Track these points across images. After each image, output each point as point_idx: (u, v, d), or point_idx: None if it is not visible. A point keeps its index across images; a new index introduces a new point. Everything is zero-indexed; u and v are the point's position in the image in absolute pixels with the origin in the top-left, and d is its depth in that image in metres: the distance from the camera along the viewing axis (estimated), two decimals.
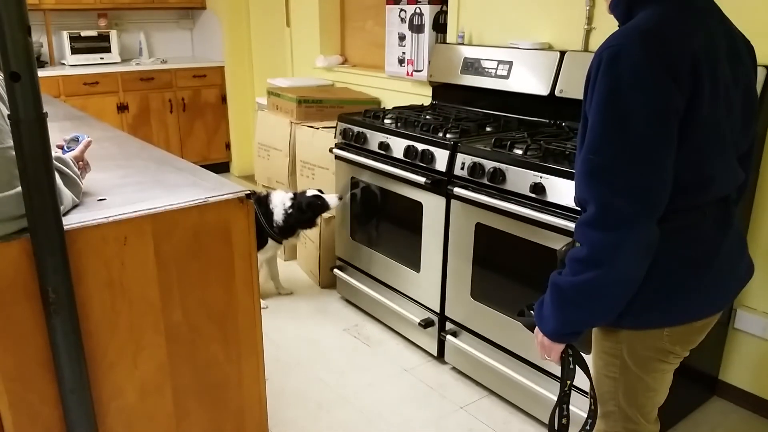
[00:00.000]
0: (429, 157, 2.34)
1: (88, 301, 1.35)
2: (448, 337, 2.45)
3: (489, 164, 2.11)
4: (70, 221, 1.29)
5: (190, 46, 5.64)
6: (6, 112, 1.20)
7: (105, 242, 1.34)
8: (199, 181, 1.63)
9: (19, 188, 1.19)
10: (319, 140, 3.15)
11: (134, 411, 1.49)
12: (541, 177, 1.95)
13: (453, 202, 2.29)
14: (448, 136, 2.37)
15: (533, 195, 1.97)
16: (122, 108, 4.80)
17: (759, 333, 2.18)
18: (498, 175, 2.07)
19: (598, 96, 1.10)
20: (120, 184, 1.60)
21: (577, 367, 1.32)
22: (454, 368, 2.53)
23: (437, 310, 2.50)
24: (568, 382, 1.33)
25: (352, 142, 2.75)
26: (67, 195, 1.35)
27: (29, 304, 1.28)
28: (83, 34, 4.75)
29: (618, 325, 1.26)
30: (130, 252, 1.38)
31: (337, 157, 2.86)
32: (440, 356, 2.57)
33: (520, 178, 2.02)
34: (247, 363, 1.67)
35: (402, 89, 3.42)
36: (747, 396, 2.26)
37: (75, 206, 1.39)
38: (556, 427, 1.39)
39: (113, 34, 4.87)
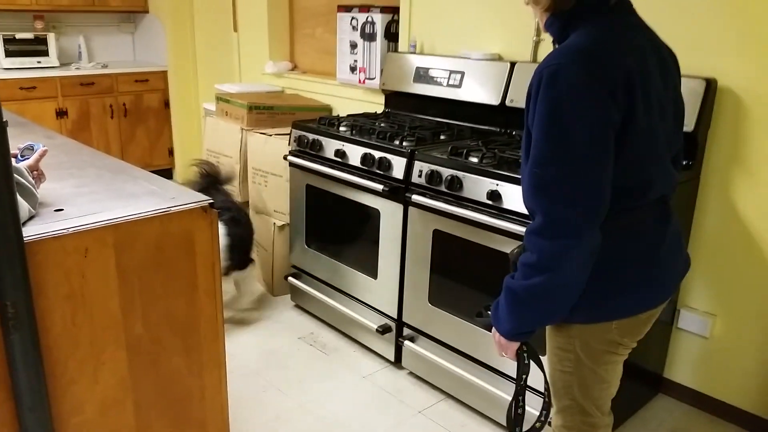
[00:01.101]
0: (386, 165, 2.37)
1: (47, 315, 1.31)
2: (406, 342, 2.48)
3: (446, 172, 2.15)
4: (28, 233, 1.25)
5: (131, 50, 5.50)
6: None
7: (65, 254, 1.31)
8: (158, 190, 1.60)
9: None
10: (272, 147, 3.13)
11: (94, 427, 1.45)
12: (497, 184, 2.01)
13: (411, 209, 2.32)
14: (404, 144, 2.40)
15: (490, 202, 2.03)
16: (61, 113, 4.63)
17: (700, 331, 2.31)
18: (455, 183, 2.11)
19: (540, 113, 1.18)
20: (76, 193, 1.55)
21: (531, 361, 1.42)
22: (411, 373, 2.56)
23: (394, 315, 2.52)
24: (524, 376, 1.43)
25: (307, 149, 2.74)
26: (23, 206, 1.30)
27: None
28: (18, 36, 4.56)
29: (570, 320, 1.34)
30: (91, 264, 1.35)
31: (291, 164, 2.85)
32: (397, 362, 2.60)
33: (476, 186, 2.07)
34: (210, 375, 1.64)
35: (354, 96, 3.44)
36: (690, 392, 2.38)
37: (31, 217, 1.34)
38: (512, 417, 1.49)
39: (51, 37, 4.70)
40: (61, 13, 4.91)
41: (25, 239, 1.21)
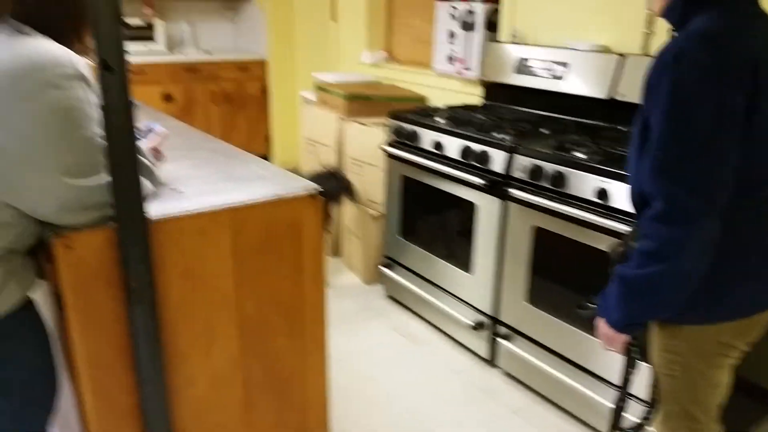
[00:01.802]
0: (485, 158, 2.33)
1: (166, 291, 1.37)
2: (501, 340, 2.43)
3: (550, 167, 2.09)
4: (150, 212, 1.31)
5: (232, 37, 5.68)
6: (95, 99, 1.22)
7: (184, 234, 1.36)
8: (268, 175, 1.64)
9: (106, 176, 1.20)
10: (368, 137, 3.15)
11: (205, 400, 1.51)
12: (605, 181, 1.93)
13: (510, 204, 2.27)
14: (504, 137, 2.35)
15: (597, 200, 1.95)
16: (168, 98, 4.86)
17: None
18: (559, 179, 2.04)
19: (663, 96, 1.15)
20: (191, 175, 1.61)
21: (639, 356, 1.38)
22: (505, 372, 2.51)
23: (489, 312, 2.48)
24: (631, 371, 1.41)
25: (404, 140, 2.74)
26: (146, 184, 1.36)
27: (111, 293, 1.30)
28: (129, 22, 4.79)
29: (680, 321, 1.30)
30: (208, 244, 1.40)
31: (387, 155, 2.86)
32: (491, 359, 2.56)
33: (582, 183, 2.00)
34: (313, 357, 1.68)
35: (450, 87, 3.40)
36: None
37: (152, 196, 1.41)
38: (617, 413, 1.50)
39: (159, 24, 4.92)
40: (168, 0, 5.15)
41: (148, 218, 1.27)
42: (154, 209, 1.33)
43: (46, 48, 1.14)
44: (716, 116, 1.13)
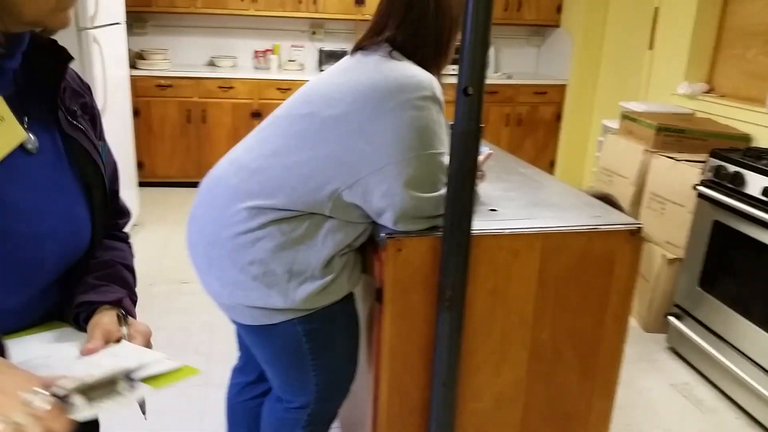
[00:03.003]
0: None
1: (472, 303, 1.42)
2: None
3: None
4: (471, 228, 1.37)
5: (535, 62, 5.74)
6: (445, 120, 1.33)
7: (499, 252, 1.40)
8: (582, 204, 1.61)
9: (443, 191, 1.29)
10: (678, 173, 2.90)
11: (486, 416, 1.54)
12: None
13: None
14: None
15: None
16: None
17: None
18: None
19: None
20: (505, 197, 1.66)
21: None
22: None
23: None
24: None
25: (724, 181, 2.46)
26: None
27: (425, 296, 1.40)
28: None
29: None
30: (518, 265, 1.42)
31: (701, 195, 2.59)
32: None
33: None
34: (599, 400, 1.60)
35: None
36: None
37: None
38: None
39: None
40: None
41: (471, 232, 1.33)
42: (474, 225, 1.40)
43: (412, 72, 1.27)
44: None
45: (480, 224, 1.42)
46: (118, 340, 0.87)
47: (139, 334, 0.89)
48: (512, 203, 1.60)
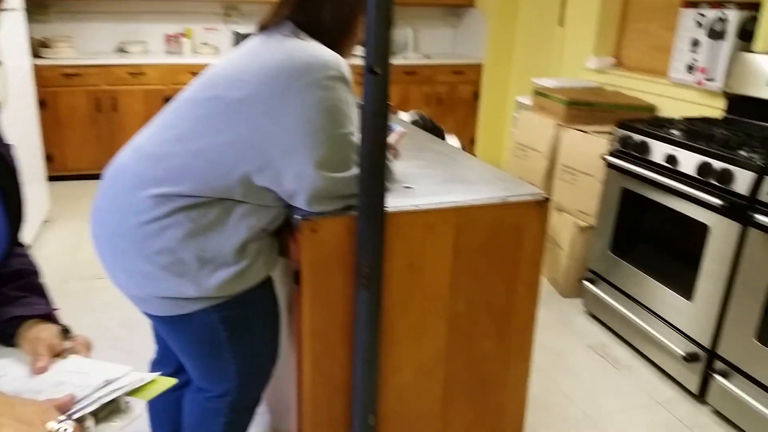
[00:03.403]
0: (727, 178, 2.11)
1: (390, 279, 1.44)
2: (717, 376, 2.20)
3: None
4: (386, 204, 1.39)
5: (451, 42, 5.81)
6: (354, 100, 1.33)
7: (414, 228, 1.43)
8: (493, 179, 1.66)
9: (355, 171, 1.30)
10: (588, 145, 3.03)
11: (409, 388, 1.58)
12: None
13: (751, 230, 2.03)
14: (753, 155, 2.10)
15: None
16: None
17: None
18: None
19: None
20: (420, 174, 1.68)
21: None
22: (715, 411, 2.27)
23: (706, 345, 2.26)
24: None
25: (631, 150, 2.59)
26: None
27: (342, 275, 1.41)
28: None
29: None
30: (433, 240, 1.45)
31: (610, 165, 2.72)
32: (701, 395, 2.32)
33: None
34: (516, 364, 1.67)
35: (686, 98, 3.13)
36: None
37: (386, 191, 1.49)
38: None
39: None
40: (396, 6, 5.40)
41: (385, 210, 1.35)
42: (389, 203, 1.42)
43: (318, 52, 1.27)
44: None
45: (395, 201, 1.44)
46: (58, 354, 0.86)
47: (82, 346, 0.87)
48: (427, 180, 1.63)
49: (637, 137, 2.56)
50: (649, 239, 2.55)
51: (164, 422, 1.71)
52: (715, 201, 2.13)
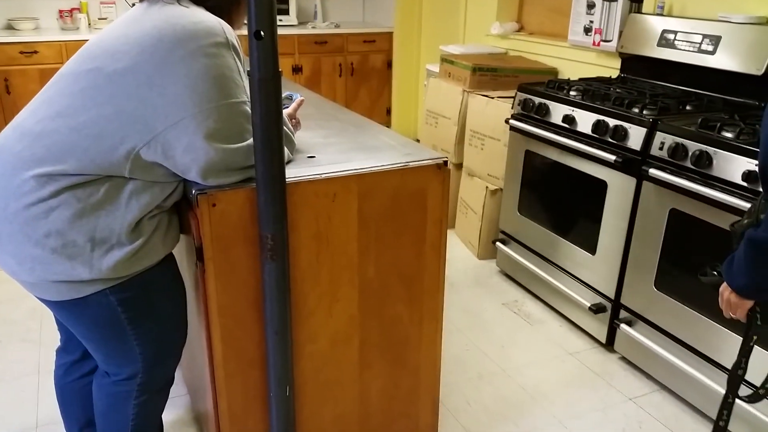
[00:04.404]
0: (622, 134, 2.21)
1: (297, 250, 1.44)
2: (621, 325, 2.34)
3: (694, 146, 1.95)
4: (287, 175, 1.37)
5: (361, 11, 5.75)
6: (243, 68, 1.29)
7: (317, 197, 1.42)
8: (396, 145, 1.67)
9: (250, 141, 1.27)
10: (492, 110, 3.10)
11: (324, 357, 1.58)
12: (756, 164, 1.77)
13: (645, 184, 2.15)
14: (644, 112, 2.21)
15: (745, 183, 1.80)
16: (296, 70, 5.03)
17: None
18: (704, 159, 1.90)
19: None
20: (324, 143, 1.67)
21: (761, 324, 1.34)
22: (623, 358, 2.42)
23: (611, 296, 2.39)
24: (754, 337, 1.36)
25: (532, 113, 2.66)
26: (284, 150, 1.43)
27: (247, 249, 1.39)
28: None
29: None
30: (337, 208, 1.45)
31: (513, 128, 2.79)
32: (608, 344, 2.46)
33: (729, 164, 1.85)
34: (428, 325, 1.70)
35: (584, 60, 3.25)
36: None
37: (289, 161, 1.47)
38: (734, 379, 1.42)
39: None
40: None
41: (286, 180, 1.33)
42: (291, 173, 1.40)
43: (200, 18, 1.22)
44: None
45: (297, 171, 1.43)
46: None
47: None
48: (331, 149, 1.62)
49: (537, 100, 2.64)
50: (553, 198, 2.65)
51: (76, 412, 1.64)
52: (611, 157, 2.23)
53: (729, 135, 1.91)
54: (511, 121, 2.79)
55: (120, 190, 1.22)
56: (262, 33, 1.16)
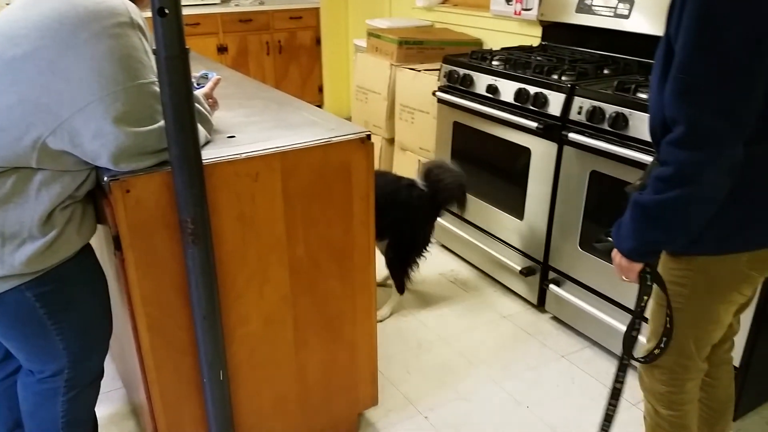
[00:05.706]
0: (542, 101, 2.26)
1: (221, 233, 1.41)
2: (551, 286, 2.42)
3: (611, 109, 2.01)
4: (205, 156, 1.34)
5: None
6: (150, 47, 1.25)
7: (238, 177, 1.39)
8: (319, 121, 1.65)
9: (162, 123, 1.24)
10: (420, 83, 3.11)
11: (258, 338, 1.58)
12: None
13: (566, 148, 2.21)
14: (563, 78, 2.27)
15: None
16: (222, 49, 4.89)
17: None
18: (621, 121, 1.97)
19: (691, 16, 1.09)
20: (245, 122, 1.64)
21: (654, 284, 1.35)
22: (554, 317, 2.51)
23: (540, 258, 2.46)
24: (645, 298, 1.37)
25: (457, 84, 2.69)
26: (201, 131, 1.39)
27: (168, 234, 1.36)
28: None
29: (695, 251, 1.27)
30: (260, 188, 1.43)
31: (440, 100, 2.81)
32: (540, 305, 2.55)
33: (644, 125, 1.92)
34: (362, 299, 1.71)
35: (507, 29, 3.29)
36: None
37: (207, 142, 1.44)
38: (627, 342, 1.45)
39: None
40: None
41: (202, 161, 1.30)
42: (209, 154, 1.37)
43: None
44: (746, 42, 1.06)
45: (216, 152, 1.40)
46: None
47: None
48: (253, 128, 1.59)
49: (461, 71, 2.66)
50: (482, 168, 2.70)
51: (3, 414, 1.58)
52: (532, 125, 2.28)
53: (644, 96, 1.98)
54: (438, 94, 2.80)
55: (28, 182, 1.16)
56: (166, 10, 1.12)
